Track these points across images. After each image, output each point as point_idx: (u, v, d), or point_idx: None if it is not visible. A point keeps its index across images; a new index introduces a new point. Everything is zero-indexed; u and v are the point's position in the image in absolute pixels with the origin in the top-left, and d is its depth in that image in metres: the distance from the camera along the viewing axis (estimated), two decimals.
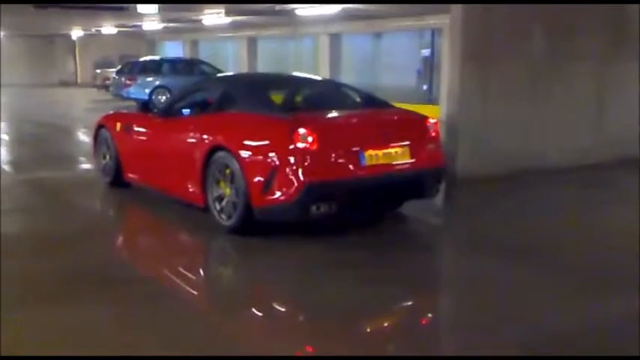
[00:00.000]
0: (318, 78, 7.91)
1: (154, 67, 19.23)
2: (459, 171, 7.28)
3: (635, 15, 8.49)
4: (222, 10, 17.83)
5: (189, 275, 4.69)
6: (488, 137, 7.61)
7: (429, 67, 18.91)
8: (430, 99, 17.51)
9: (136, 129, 6.56)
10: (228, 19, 19.49)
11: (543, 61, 7.91)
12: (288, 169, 4.86)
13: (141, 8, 15.38)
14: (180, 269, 4.70)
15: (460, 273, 4.81)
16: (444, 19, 12.93)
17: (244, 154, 5.06)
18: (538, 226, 5.74)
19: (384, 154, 5.17)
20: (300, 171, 4.83)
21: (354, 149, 5.05)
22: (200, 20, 20.31)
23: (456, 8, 7.41)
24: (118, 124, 6.82)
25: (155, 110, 6.80)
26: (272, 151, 4.94)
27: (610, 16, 8.39)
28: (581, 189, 7.53)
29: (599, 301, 4.03)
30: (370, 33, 20.86)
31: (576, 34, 8.10)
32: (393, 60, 20.28)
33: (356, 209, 5.57)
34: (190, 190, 5.64)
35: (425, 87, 19.04)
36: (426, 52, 19.24)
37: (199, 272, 4.96)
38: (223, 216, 5.28)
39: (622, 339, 3.47)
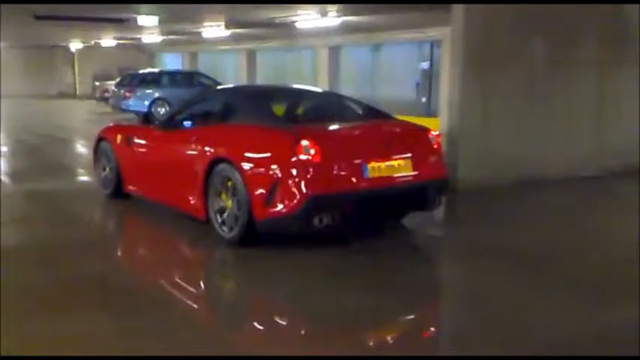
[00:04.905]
0: (320, 90, 7.90)
1: (153, 80, 19.25)
2: (460, 181, 7.28)
3: (635, 21, 8.51)
4: (222, 23, 17.86)
5: (190, 287, 4.65)
6: (488, 148, 7.62)
7: (428, 80, 18.94)
8: (429, 111, 17.53)
9: (137, 141, 6.55)
10: (228, 32, 19.52)
11: (543, 70, 7.94)
12: (290, 182, 4.84)
13: (141, 21, 15.37)
14: (181, 281, 4.67)
15: (461, 283, 4.79)
16: (443, 31, 12.99)
17: (246, 166, 5.04)
18: (540, 237, 5.74)
19: (387, 166, 5.16)
20: (302, 183, 4.81)
21: (357, 161, 5.03)
22: (199, 33, 20.34)
23: (458, 19, 7.44)
24: (119, 136, 6.81)
25: (156, 122, 6.76)
26: (274, 164, 4.93)
27: (610, 22, 8.41)
28: (582, 198, 7.53)
29: (601, 308, 4.03)
30: (369, 45, 20.91)
31: (576, 43, 8.14)
32: (392, 72, 20.32)
33: (358, 221, 5.55)
34: (191, 202, 5.62)
35: (424, 99, 19.06)
36: (424, 64, 19.28)
37: (200, 284, 4.92)
38: (225, 228, 5.25)
39: (622, 345, 3.49)
